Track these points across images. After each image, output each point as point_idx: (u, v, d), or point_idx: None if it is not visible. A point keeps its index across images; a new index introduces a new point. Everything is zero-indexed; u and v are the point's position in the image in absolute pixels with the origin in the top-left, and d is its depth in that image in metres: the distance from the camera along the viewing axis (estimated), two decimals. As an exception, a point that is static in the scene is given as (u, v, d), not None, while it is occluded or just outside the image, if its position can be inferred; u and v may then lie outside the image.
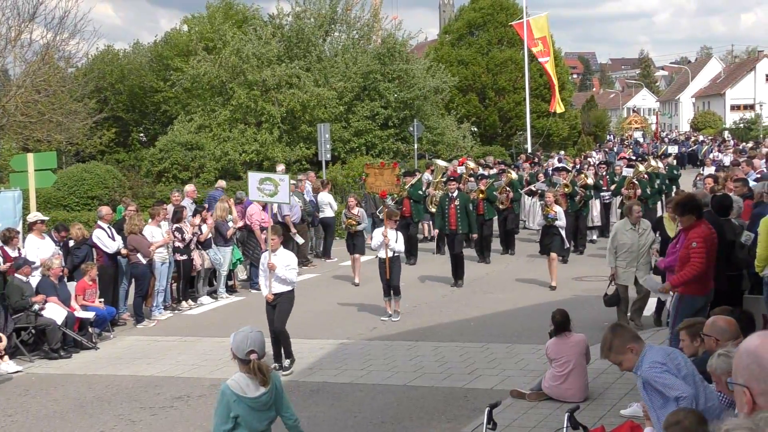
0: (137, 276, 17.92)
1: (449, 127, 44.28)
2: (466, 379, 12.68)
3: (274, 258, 13.44)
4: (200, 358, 14.80)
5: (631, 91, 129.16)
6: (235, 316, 18.05)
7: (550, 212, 19.33)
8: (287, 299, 13.55)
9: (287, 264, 13.39)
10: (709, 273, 10.93)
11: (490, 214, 24.02)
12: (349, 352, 14.68)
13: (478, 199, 23.37)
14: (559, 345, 11.31)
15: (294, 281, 13.58)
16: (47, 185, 21.90)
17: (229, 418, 6.87)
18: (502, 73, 51.69)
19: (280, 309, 13.54)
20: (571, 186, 23.93)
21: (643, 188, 24.54)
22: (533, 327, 15.48)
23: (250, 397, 6.89)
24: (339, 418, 11.40)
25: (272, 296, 13.43)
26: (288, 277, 13.39)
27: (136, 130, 45.12)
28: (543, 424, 10.34)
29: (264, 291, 13.66)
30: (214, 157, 36.15)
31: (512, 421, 10.52)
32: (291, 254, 13.93)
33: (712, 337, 7.81)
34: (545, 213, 19.47)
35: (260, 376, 6.92)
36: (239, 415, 6.87)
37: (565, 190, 23.57)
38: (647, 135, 74.96)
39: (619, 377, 12.22)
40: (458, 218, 20.25)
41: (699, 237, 10.85)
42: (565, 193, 23.32)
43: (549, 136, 52.60)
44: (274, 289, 13.45)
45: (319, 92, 37.74)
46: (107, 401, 12.68)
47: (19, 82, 32.13)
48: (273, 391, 7.03)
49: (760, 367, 3.25)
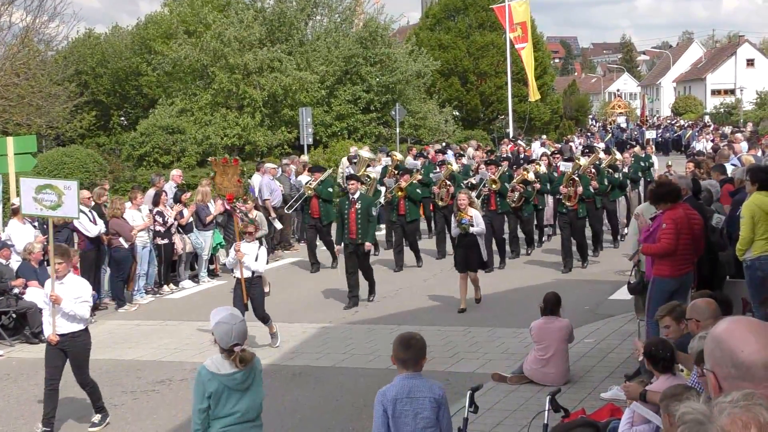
0: (118, 260, 17.85)
1: (431, 111, 44.30)
2: (448, 362, 12.73)
3: (59, 287, 10.41)
4: (182, 342, 14.79)
5: (612, 75, 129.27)
6: (216, 300, 17.95)
7: (463, 216, 15.80)
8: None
9: (77, 296, 10.39)
10: (680, 255, 10.98)
11: (413, 215, 21.07)
12: (331, 336, 14.70)
13: (399, 198, 20.79)
14: (543, 329, 11.36)
15: (85, 317, 10.57)
16: (27, 169, 21.75)
17: (204, 398, 6.87)
18: (484, 57, 51.64)
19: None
20: (500, 182, 20.03)
21: (599, 182, 20.20)
22: (515, 311, 15.56)
23: (224, 373, 6.89)
24: (321, 401, 11.43)
25: (56, 338, 10.44)
26: (78, 313, 10.37)
27: (117, 114, 44.85)
28: (524, 407, 10.39)
29: (47, 330, 10.70)
30: (196, 141, 36.01)
31: (494, 404, 10.57)
32: (83, 283, 10.90)
33: (693, 319, 7.88)
34: (458, 218, 15.95)
35: (242, 366, 6.94)
36: (214, 394, 6.86)
37: (493, 188, 19.94)
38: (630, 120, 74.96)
39: (600, 360, 12.31)
40: (359, 226, 16.42)
41: (669, 219, 10.95)
42: (494, 191, 19.93)
43: (531, 120, 52.64)
44: (60, 328, 10.48)
45: (301, 76, 37.64)
46: (89, 385, 12.63)
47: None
48: (251, 372, 7.04)
49: (722, 352, 3.30)
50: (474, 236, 15.83)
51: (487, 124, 53.29)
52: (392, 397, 6.75)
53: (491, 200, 19.99)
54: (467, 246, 15.82)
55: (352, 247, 16.43)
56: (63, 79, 35.54)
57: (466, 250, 15.83)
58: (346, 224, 16.51)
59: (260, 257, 13.80)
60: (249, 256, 13.61)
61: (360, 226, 16.34)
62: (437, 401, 6.83)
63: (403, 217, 20.68)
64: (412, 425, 6.76)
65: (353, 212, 16.45)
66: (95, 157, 31.38)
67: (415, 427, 6.76)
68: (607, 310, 15.60)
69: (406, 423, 6.76)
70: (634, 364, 10.83)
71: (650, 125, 66.32)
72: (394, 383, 6.84)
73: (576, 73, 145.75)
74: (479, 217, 16.17)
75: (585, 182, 19.51)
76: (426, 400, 6.79)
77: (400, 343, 6.91)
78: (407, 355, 6.86)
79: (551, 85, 58.56)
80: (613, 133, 57.19)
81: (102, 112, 42.96)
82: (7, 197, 19.28)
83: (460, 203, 15.92)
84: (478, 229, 15.84)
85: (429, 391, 6.84)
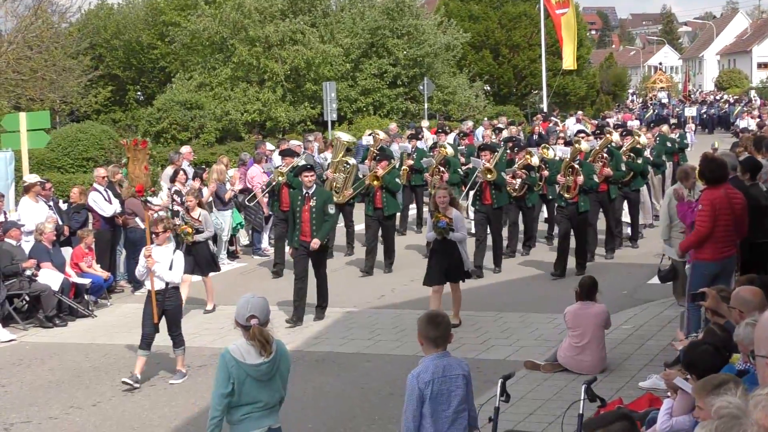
0: (134, 241, 17.90)
1: (461, 86, 44.09)
2: (479, 349, 12.72)
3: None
4: (200, 327, 14.85)
5: (652, 48, 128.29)
6: (237, 283, 18.07)
7: (440, 218, 13.66)
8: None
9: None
10: (720, 238, 10.92)
11: (391, 208, 18.77)
12: (356, 321, 14.72)
13: (375, 188, 18.52)
14: (578, 314, 11.32)
15: None
16: (40, 146, 21.91)
17: (228, 382, 6.89)
18: (517, 29, 51.25)
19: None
20: (495, 172, 17.65)
21: (615, 167, 18.48)
22: (548, 296, 15.50)
23: (249, 363, 6.91)
24: (345, 389, 11.45)
25: None
26: None
27: (133, 89, 44.95)
28: (558, 396, 10.38)
29: None
30: (215, 117, 36.05)
31: (526, 393, 10.56)
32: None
33: (736, 310, 7.81)
34: (435, 220, 13.77)
35: (261, 342, 6.93)
36: (236, 381, 6.88)
37: (488, 178, 17.62)
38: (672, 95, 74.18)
39: (638, 347, 12.26)
40: (313, 224, 14.62)
41: (706, 200, 10.91)
42: (488, 182, 17.67)
43: (566, 95, 52.32)
44: None
45: (325, 49, 37.54)
46: (104, 371, 12.75)
47: (11, 38, 32.02)
48: (277, 361, 7.05)
49: None
50: (453, 241, 13.80)
51: (520, 100, 53.04)
52: (429, 379, 6.84)
53: (486, 193, 17.77)
54: (444, 252, 13.83)
55: (304, 250, 14.71)
56: (77, 53, 35.67)
57: (444, 257, 13.85)
58: (298, 224, 14.74)
59: (176, 265, 12.10)
60: (161, 263, 11.92)
61: (315, 225, 14.59)
62: (466, 378, 7.05)
63: (381, 210, 18.52)
64: (447, 405, 6.91)
65: (307, 209, 14.69)
66: (110, 133, 31.49)
67: (450, 406, 6.92)
68: (646, 294, 15.52)
69: (441, 403, 6.89)
70: (673, 352, 10.78)
71: (692, 101, 65.55)
72: (426, 365, 6.91)
73: (614, 45, 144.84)
74: (461, 219, 13.94)
75: (587, 171, 17.30)
76: (459, 377, 6.97)
77: (428, 322, 6.98)
78: (437, 333, 6.94)
79: (587, 58, 58.10)
80: (653, 110, 56.56)
81: (117, 87, 43.09)
82: (20, 175, 19.39)
83: (439, 201, 13.83)
84: (458, 235, 13.71)
85: (460, 368, 7.04)
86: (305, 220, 14.66)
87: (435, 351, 6.95)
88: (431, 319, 7.01)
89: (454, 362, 7.05)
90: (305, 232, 14.64)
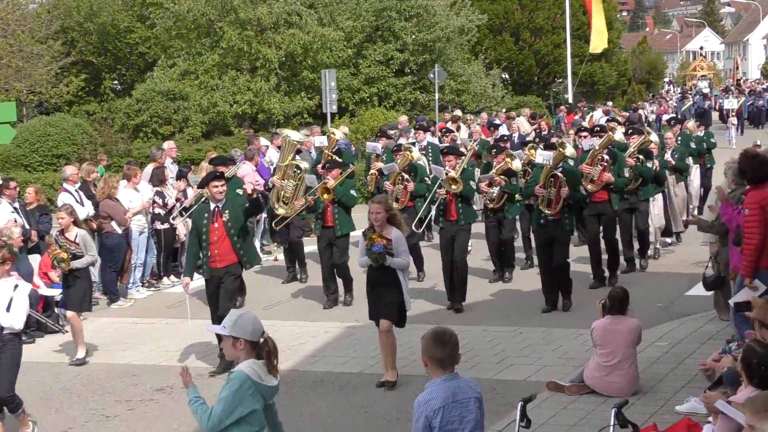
0: (111, 248, 17.91)
1: (476, 74, 44.09)
2: (496, 368, 12.71)
3: None
4: (185, 343, 14.84)
5: (691, 31, 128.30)
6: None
7: (376, 241, 11.92)
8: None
9: None
10: None
11: (344, 227, 16.53)
12: (359, 337, 14.69)
13: (325, 202, 16.36)
14: (608, 330, 11.28)
15: None
16: (5, 141, 21.90)
17: (236, 410, 6.88)
18: (539, 10, 51.31)
19: None
20: (461, 183, 15.77)
21: (618, 173, 16.82)
22: (574, 308, 15.47)
23: (268, 385, 6.98)
24: (347, 413, 11.45)
25: None
26: None
27: (109, 77, 44.99)
28: (585, 422, 10.37)
29: None
30: (201, 109, 36.14)
31: (549, 418, 10.55)
32: None
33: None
34: (368, 243, 11.98)
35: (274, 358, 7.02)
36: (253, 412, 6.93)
37: (453, 189, 15.80)
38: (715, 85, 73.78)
39: (674, 367, 12.24)
40: (235, 242, 13.13)
41: (752, 202, 10.83)
42: (453, 194, 15.86)
43: (593, 84, 52.33)
44: None
45: (324, 33, 37.59)
46: (77, 393, 12.75)
47: (-28, 21, 32.13)
48: None
49: None
50: (392, 270, 12.11)
51: (543, 89, 53.04)
52: (438, 406, 6.79)
53: (451, 208, 16.05)
54: (381, 284, 12.19)
55: (217, 279, 13.14)
56: (47, 37, 35.77)
57: (380, 289, 12.23)
58: (205, 245, 13.05)
59: (15, 305, 10.48)
60: None
61: (237, 244, 13.10)
62: (479, 400, 7.01)
63: (331, 230, 16.47)
64: None
65: (216, 227, 13.00)
66: (84, 127, 31.62)
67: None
68: (683, 308, 15.49)
69: (453, 430, 6.85)
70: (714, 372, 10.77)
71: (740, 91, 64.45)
72: (433, 390, 6.86)
73: (647, 28, 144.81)
74: (401, 241, 12.11)
75: (572, 180, 15.59)
76: (470, 401, 6.93)
77: (434, 341, 6.89)
78: (445, 353, 6.88)
79: (618, 42, 58.05)
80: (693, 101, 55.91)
81: (92, 75, 43.11)
82: (-18, 174, 19.43)
83: (373, 219, 12.08)
84: (399, 261, 12.02)
85: (471, 390, 7.00)
86: (215, 242, 12.96)
87: (442, 373, 6.89)
88: (437, 338, 6.91)
89: (465, 384, 6.99)
90: (215, 257, 12.98)
